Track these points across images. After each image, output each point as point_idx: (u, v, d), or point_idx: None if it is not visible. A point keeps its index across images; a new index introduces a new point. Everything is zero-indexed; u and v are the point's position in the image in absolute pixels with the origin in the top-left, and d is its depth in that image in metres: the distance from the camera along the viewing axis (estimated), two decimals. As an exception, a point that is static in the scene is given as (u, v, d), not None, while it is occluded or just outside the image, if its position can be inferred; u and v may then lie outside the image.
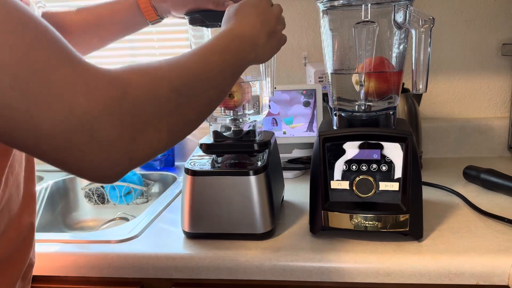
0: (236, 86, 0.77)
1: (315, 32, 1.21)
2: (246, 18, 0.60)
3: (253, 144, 0.79)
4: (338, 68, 0.78)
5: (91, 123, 0.35)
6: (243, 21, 0.59)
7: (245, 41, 0.57)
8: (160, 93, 0.42)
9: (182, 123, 0.45)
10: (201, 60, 0.49)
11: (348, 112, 0.77)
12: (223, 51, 0.53)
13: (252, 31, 0.59)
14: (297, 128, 1.10)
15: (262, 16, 0.61)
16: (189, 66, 0.47)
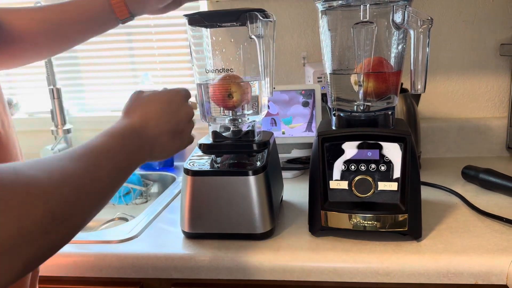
0: (235, 86, 0.77)
1: (314, 32, 1.21)
2: (153, 113, 0.54)
3: (252, 144, 0.79)
4: (337, 68, 0.78)
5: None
6: (148, 115, 0.54)
7: (142, 140, 0.52)
8: (28, 220, 0.33)
9: (47, 249, 0.38)
10: (89, 167, 0.42)
11: (347, 112, 0.77)
12: (116, 152, 0.47)
13: (154, 130, 0.53)
14: (296, 128, 1.10)
15: (171, 114, 0.56)
16: (74, 175, 0.40)
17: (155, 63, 1.31)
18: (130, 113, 0.54)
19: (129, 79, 1.35)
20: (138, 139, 0.51)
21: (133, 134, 0.51)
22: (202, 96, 0.81)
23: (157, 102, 0.55)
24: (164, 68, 1.32)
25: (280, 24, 1.21)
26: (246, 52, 0.78)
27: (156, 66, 1.32)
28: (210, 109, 0.82)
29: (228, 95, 0.77)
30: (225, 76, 0.78)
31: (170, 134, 0.56)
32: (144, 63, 1.32)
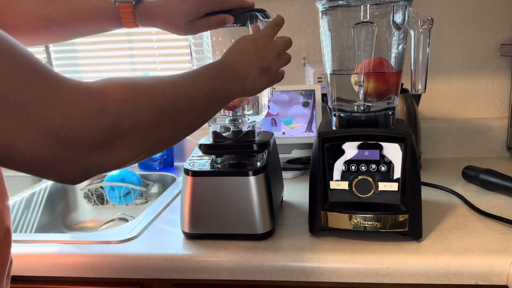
0: None
1: (314, 32, 1.21)
2: (242, 51, 0.60)
3: (253, 144, 0.79)
4: (337, 68, 0.78)
5: (68, 136, 0.36)
6: (238, 54, 0.60)
7: (234, 74, 0.57)
8: (140, 108, 0.42)
9: (158, 140, 0.46)
10: (187, 83, 0.50)
11: (347, 112, 0.77)
12: (211, 79, 0.53)
13: (243, 66, 0.59)
14: (296, 128, 1.10)
15: (259, 52, 0.61)
16: (175, 86, 0.48)
17: (155, 63, 1.31)
18: (227, 52, 0.61)
19: (129, 79, 1.34)
20: (230, 73, 0.57)
21: (226, 68, 0.57)
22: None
23: (246, 41, 0.61)
24: (164, 68, 1.32)
25: (280, 24, 1.21)
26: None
27: (156, 66, 1.32)
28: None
29: None
30: None
31: (258, 70, 0.60)
32: (144, 63, 1.32)
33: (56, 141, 0.36)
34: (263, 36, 0.63)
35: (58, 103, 0.36)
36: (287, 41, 0.66)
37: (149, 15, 0.69)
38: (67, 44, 1.34)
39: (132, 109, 0.41)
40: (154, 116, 0.44)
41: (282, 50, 0.64)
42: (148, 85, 0.45)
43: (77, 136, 0.37)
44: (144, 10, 0.69)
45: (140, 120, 0.42)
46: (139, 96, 0.43)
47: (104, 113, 0.39)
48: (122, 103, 0.41)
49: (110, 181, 1.14)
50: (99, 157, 0.39)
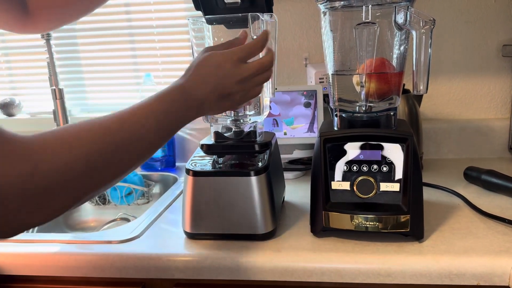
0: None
1: (316, 33, 1.21)
2: (202, 76, 0.60)
3: (254, 144, 0.79)
4: (339, 69, 0.78)
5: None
6: (197, 78, 0.59)
7: (191, 100, 0.58)
8: (74, 169, 0.43)
9: (92, 191, 0.46)
10: (134, 126, 0.50)
11: (348, 113, 0.77)
12: (164, 113, 0.54)
13: (202, 91, 0.59)
14: (297, 129, 1.10)
15: (218, 78, 0.60)
16: (117, 133, 0.48)
17: (157, 63, 1.32)
18: (187, 72, 0.61)
19: (131, 80, 1.35)
20: (185, 100, 0.57)
21: (182, 95, 0.57)
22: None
23: (207, 66, 0.60)
24: (166, 68, 1.32)
25: (282, 25, 1.21)
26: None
27: (158, 67, 1.32)
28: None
29: None
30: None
31: (217, 96, 0.60)
32: (146, 64, 1.32)
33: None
34: (226, 61, 0.61)
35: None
36: (264, 63, 0.64)
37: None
38: (69, 45, 1.35)
39: (64, 172, 0.41)
40: (89, 173, 0.44)
41: (252, 74, 0.62)
42: (84, 141, 0.44)
43: (6, 196, 0.37)
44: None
45: (72, 180, 0.42)
46: (73, 158, 0.43)
47: (36, 174, 0.39)
48: (54, 166, 0.41)
49: (112, 181, 1.14)
50: (26, 217, 0.40)
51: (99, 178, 0.46)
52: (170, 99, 0.56)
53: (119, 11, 1.30)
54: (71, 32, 1.34)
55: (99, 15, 1.31)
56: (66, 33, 1.34)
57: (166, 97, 0.56)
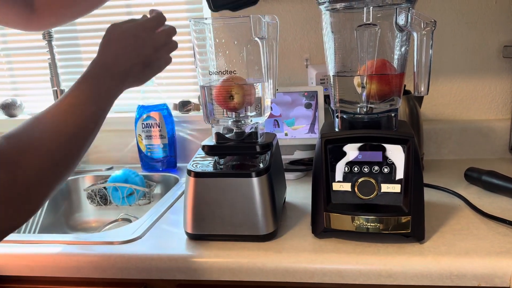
0: (237, 88, 0.77)
1: (317, 34, 1.21)
2: (122, 49, 0.62)
3: (255, 145, 0.79)
4: (340, 70, 0.79)
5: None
6: (118, 52, 0.61)
7: (116, 75, 0.60)
8: (45, 172, 0.48)
9: (58, 186, 0.51)
10: (77, 113, 0.54)
11: (350, 114, 0.77)
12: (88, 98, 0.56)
13: (125, 64, 0.61)
14: (298, 129, 1.10)
15: (137, 49, 0.63)
16: (67, 126, 0.52)
17: (159, 64, 1.32)
18: (104, 49, 0.62)
19: (133, 81, 1.35)
20: (110, 77, 0.59)
21: (106, 73, 0.59)
22: (206, 97, 0.81)
23: (125, 38, 0.62)
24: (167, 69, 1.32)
25: (283, 26, 1.22)
26: (249, 53, 0.78)
27: (160, 68, 1.32)
28: (214, 110, 0.82)
29: (229, 97, 0.78)
30: (228, 78, 0.78)
31: (140, 65, 0.63)
32: (148, 65, 1.32)
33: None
34: (142, 30, 0.64)
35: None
36: (170, 31, 0.69)
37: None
38: (71, 46, 1.35)
39: (39, 174, 0.47)
40: (55, 169, 0.49)
41: (165, 42, 0.67)
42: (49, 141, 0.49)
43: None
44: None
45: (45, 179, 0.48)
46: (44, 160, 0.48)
47: (15, 182, 0.44)
48: (31, 170, 0.46)
49: (113, 182, 1.14)
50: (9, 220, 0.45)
51: (64, 171, 0.51)
52: (96, 80, 0.58)
53: (120, 12, 1.31)
54: (72, 33, 1.34)
55: (100, 16, 1.31)
56: (68, 34, 1.34)
57: (92, 79, 0.58)
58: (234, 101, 0.78)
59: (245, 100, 0.79)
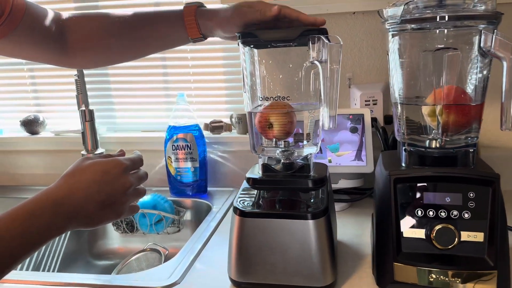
0: (276, 116, 0.70)
1: (360, 51, 1.12)
2: (83, 182, 0.54)
3: (308, 180, 0.70)
4: (408, 97, 0.69)
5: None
6: (77, 185, 0.54)
7: (64, 208, 0.52)
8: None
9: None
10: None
11: (419, 147, 0.68)
12: (29, 217, 0.49)
13: (80, 199, 0.53)
14: (344, 156, 1.01)
15: (102, 185, 0.55)
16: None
17: (190, 82, 1.24)
18: (65, 177, 0.55)
19: (162, 98, 1.28)
20: (54, 214, 0.51)
21: (51, 209, 0.51)
22: (252, 125, 0.73)
23: (92, 172, 0.55)
24: (198, 87, 1.24)
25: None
26: (306, 78, 0.70)
27: (190, 86, 1.25)
28: (260, 139, 0.74)
29: (268, 125, 0.70)
30: (271, 104, 0.70)
31: (99, 204, 0.55)
32: (178, 82, 1.25)
33: None
34: (114, 167, 0.57)
35: None
36: (142, 176, 0.62)
37: (210, 15, 0.70)
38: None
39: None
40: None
41: (134, 185, 0.59)
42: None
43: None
44: (205, 11, 0.71)
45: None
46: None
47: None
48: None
49: (141, 208, 1.06)
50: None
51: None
52: (35, 217, 0.50)
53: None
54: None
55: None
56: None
57: (35, 203, 0.51)
58: (273, 130, 0.70)
59: (286, 129, 0.71)
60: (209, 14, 0.70)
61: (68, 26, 0.70)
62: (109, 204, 0.56)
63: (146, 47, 0.74)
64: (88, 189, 0.54)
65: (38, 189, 0.53)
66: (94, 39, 0.70)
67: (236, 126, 1.21)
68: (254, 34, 0.67)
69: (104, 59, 0.74)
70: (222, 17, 0.69)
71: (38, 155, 1.32)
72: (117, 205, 0.57)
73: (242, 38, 0.68)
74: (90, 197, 0.54)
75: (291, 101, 0.71)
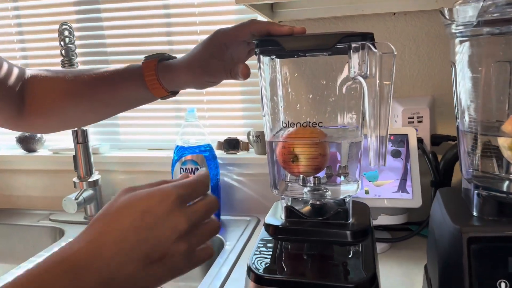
0: (302, 147, 0.54)
1: (402, 59, 0.95)
2: (114, 233, 0.36)
3: (346, 231, 0.53)
4: (484, 124, 0.52)
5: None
6: (105, 238, 0.36)
7: (91, 276, 0.34)
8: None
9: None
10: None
11: (496, 192, 0.50)
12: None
13: (113, 259, 0.35)
14: (384, 186, 0.83)
15: (144, 232, 0.36)
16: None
17: (202, 94, 1.09)
18: (92, 226, 0.37)
19: (171, 113, 1.13)
20: (75, 277, 0.34)
21: (70, 270, 0.34)
22: (273, 156, 0.57)
23: (128, 214, 0.37)
24: (212, 100, 1.09)
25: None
26: (344, 98, 0.53)
27: (202, 98, 1.10)
28: (283, 174, 0.58)
29: (292, 158, 0.54)
30: (299, 131, 0.54)
31: (142, 261, 0.36)
32: (188, 94, 1.10)
33: None
34: (159, 203, 0.38)
35: None
36: (211, 205, 0.41)
37: (173, 69, 0.61)
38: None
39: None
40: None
41: (198, 222, 0.40)
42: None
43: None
44: (167, 66, 0.62)
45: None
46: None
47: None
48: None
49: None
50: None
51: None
52: (50, 274, 0.34)
53: (162, 41, 1.09)
54: (102, 55, 1.14)
55: (140, 45, 1.10)
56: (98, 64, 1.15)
57: (45, 269, 0.34)
58: (299, 165, 0.54)
59: (316, 164, 0.54)
60: (172, 68, 0.61)
61: (27, 86, 0.63)
62: (159, 259, 0.37)
63: (106, 108, 0.65)
64: (123, 242, 0.36)
65: (36, 214, 0.35)
66: (48, 102, 0.62)
67: (254, 145, 1.06)
68: (276, 42, 0.51)
69: (59, 124, 0.66)
70: (187, 73, 0.61)
71: (35, 175, 1.19)
72: (170, 257, 0.38)
73: (260, 47, 0.53)
74: (126, 254, 0.36)
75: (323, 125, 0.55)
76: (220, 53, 0.59)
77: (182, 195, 0.39)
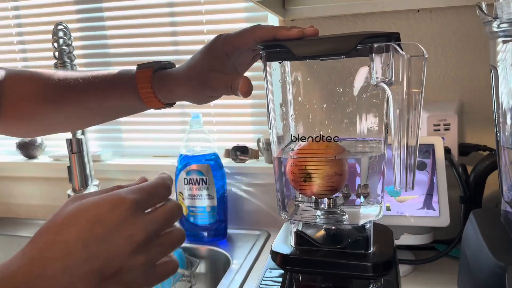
0: (316, 165, 0.46)
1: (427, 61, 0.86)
2: (64, 246, 0.31)
3: (366, 264, 0.46)
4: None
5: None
6: (49, 253, 0.30)
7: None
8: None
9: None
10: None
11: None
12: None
13: (59, 278, 0.30)
14: (407, 202, 0.75)
15: (94, 245, 0.31)
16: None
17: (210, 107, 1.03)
18: (34, 240, 0.32)
19: (176, 118, 1.07)
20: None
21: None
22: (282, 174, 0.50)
23: (76, 224, 0.32)
24: (219, 104, 1.02)
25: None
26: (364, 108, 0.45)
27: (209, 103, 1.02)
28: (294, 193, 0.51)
29: (304, 177, 0.46)
30: (312, 146, 0.47)
31: (92, 280, 0.31)
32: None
33: None
34: (112, 210, 0.32)
35: None
36: (168, 213, 0.36)
37: (169, 80, 0.54)
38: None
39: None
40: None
41: (158, 230, 0.35)
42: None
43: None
44: (164, 76, 0.55)
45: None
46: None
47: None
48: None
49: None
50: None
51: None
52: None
53: (166, 41, 1.03)
54: (105, 57, 1.08)
55: (144, 46, 1.04)
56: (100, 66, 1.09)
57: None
58: (312, 185, 0.47)
59: (331, 185, 0.47)
60: (169, 81, 0.54)
61: (4, 87, 0.56)
62: (113, 275, 0.32)
63: (93, 117, 0.59)
64: (69, 258, 0.31)
65: (36, 223, 0.29)
66: (27, 106, 0.56)
67: (264, 153, 0.98)
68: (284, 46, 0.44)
69: (40, 129, 0.60)
70: (186, 87, 0.54)
71: (35, 183, 1.14)
72: (126, 273, 0.33)
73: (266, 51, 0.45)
74: (74, 271, 0.31)
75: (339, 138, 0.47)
76: (222, 65, 0.51)
77: (137, 201, 0.33)
